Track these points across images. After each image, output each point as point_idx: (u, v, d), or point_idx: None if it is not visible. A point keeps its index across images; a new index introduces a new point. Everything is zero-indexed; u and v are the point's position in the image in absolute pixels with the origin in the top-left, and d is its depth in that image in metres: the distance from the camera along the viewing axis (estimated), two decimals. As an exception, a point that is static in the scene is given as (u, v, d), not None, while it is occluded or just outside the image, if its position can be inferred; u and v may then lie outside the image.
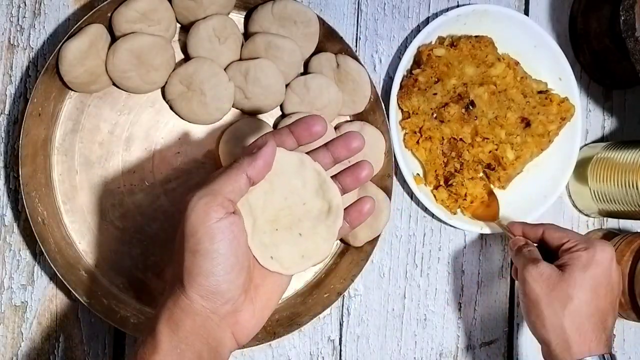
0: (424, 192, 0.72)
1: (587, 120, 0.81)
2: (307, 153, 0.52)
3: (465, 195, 0.72)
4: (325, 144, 0.53)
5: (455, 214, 0.73)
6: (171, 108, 0.67)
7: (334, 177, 0.53)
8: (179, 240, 0.47)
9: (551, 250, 0.66)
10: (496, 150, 0.72)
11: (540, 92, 0.75)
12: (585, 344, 0.60)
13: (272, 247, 0.50)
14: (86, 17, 0.61)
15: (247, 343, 0.64)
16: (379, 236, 0.69)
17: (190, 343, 0.46)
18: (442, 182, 0.73)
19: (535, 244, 0.67)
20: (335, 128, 0.70)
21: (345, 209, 0.53)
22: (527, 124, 0.73)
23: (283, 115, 0.69)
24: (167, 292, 0.49)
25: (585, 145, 0.81)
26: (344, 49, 0.68)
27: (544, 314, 0.61)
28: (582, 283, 0.61)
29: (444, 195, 0.73)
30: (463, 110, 0.71)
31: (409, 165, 0.72)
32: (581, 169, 0.78)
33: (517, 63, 0.74)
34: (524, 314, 0.64)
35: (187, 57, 0.66)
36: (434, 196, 0.73)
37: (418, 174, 0.73)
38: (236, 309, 0.48)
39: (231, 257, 0.47)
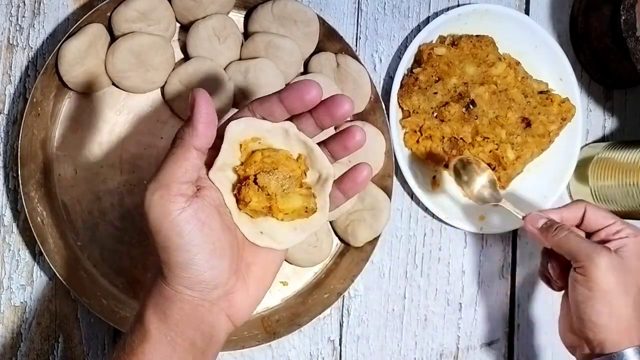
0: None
1: (587, 120, 0.81)
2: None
3: None
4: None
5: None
6: (170, 108, 0.66)
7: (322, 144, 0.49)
8: (148, 235, 0.45)
9: (586, 232, 0.64)
10: (496, 150, 0.72)
11: (541, 92, 0.75)
12: None
13: (261, 222, 0.47)
14: (85, 16, 0.61)
15: (247, 343, 0.65)
16: (379, 236, 0.69)
17: (181, 331, 0.45)
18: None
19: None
20: (335, 128, 0.69)
21: (338, 178, 0.50)
22: (527, 124, 0.73)
23: (283, 115, 0.69)
24: (151, 278, 0.46)
25: (586, 145, 0.81)
26: (344, 49, 0.68)
27: (613, 303, 0.58)
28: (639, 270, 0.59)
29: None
30: (463, 110, 0.71)
31: (409, 165, 0.71)
32: (582, 168, 0.77)
33: (518, 63, 0.74)
34: (577, 307, 0.59)
35: (186, 57, 0.66)
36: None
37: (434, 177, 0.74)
38: (228, 292, 0.46)
39: (206, 245, 0.44)
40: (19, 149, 0.60)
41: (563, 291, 0.65)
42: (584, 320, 0.59)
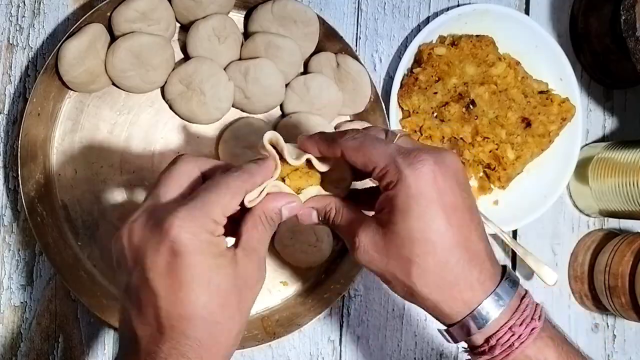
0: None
1: (587, 120, 0.81)
2: None
3: None
4: None
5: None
6: (171, 108, 0.66)
7: None
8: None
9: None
10: (496, 149, 0.72)
11: (541, 92, 0.75)
12: (470, 291, 0.47)
13: None
14: (85, 16, 0.61)
15: (247, 343, 0.65)
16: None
17: None
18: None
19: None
20: (335, 128, 0.69)
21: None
22: (527, 124, 0.73)
23: (283, 115, 0.69)
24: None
25: (586, 145, 0.81)
26: (344, 49, 0.68)
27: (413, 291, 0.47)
28: (416, 232, 0.45)
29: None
30: (463, 110, 0.71)
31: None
32: (582, 168, 0.77)
33: (517, 63, 0.74)
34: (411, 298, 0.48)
35: (186, 57, 0.66)
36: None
37: None
38: None
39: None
40: (19, 149, 0.60)
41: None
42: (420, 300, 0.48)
